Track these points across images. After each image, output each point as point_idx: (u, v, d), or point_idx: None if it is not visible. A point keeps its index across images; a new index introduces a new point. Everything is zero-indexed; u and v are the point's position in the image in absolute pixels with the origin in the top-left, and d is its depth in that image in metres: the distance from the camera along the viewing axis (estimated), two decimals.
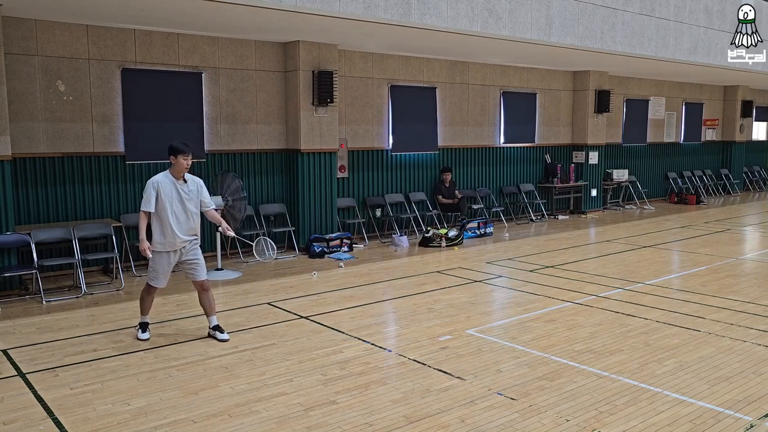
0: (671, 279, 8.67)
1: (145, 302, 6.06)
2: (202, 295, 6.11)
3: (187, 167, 5.84)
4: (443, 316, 6.83)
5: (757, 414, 4.43)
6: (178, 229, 5.84)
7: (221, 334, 6.05)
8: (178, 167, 5.81)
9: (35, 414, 4.47)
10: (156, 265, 5.90)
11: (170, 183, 5.81)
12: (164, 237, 5.81)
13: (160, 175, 5.86)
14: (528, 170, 14.70)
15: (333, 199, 10.76)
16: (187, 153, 5.80)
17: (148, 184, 5.77)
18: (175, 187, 5.81)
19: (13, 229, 7.71)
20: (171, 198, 5.78)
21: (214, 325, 6.11)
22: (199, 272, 6.03)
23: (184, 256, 5.99)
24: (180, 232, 5.85)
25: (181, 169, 5.81)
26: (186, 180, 5.90)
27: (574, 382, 5.00)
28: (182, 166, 5.80)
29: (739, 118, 19.99)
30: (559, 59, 13.12)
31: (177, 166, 5.81)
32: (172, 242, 5.85)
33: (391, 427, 4.26)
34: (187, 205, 5.89)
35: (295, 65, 10.23)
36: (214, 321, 6.13)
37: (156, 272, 5.92)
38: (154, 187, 5.74)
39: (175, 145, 5.83)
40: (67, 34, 8.54)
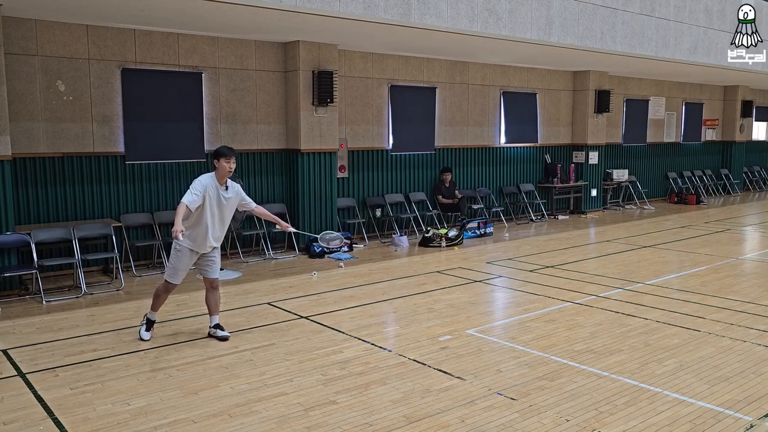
0: (671, 279, 8.67)
1: (159, 299, 6.07)
2: (210, 293, 6.12)
3: (230, 171, 5.82)
4: (443, 316, 6.83)
5: (757, 414, 4.43)
6: (212, 233, 5.85)
7: (221, 332, 6.07)
8: (222, 171, 5.80)
9: (35, 414, 4.47)
10: (178, 262, 5.89)
11: (215, 187, 5.80)
12: (196, 238, 5.80)
13: (207, 176, 5.84)
14: (528, 170, 14.70)
15: (333, 199, 10.76)
16: (229, 156, 5.80)
17: (197, 182, 5.73)
18: (218, 192, 5.82)
19: (13, 229, 7.71)
20: (212, 202, 5.78)
21: (215, 324, 6.13)
22: (214, 270, 6.05)
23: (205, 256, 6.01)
24: (212, 236, 5.87)
25: (224, 173, 5.80)
26: (227, 186, 5.91)
27: (574, 382, 5.00)
28: (225, 169, 5.79)
29: (739, 118, 19.99)
30: (559, 59, 13.12)
31: (221, 169, 5.80)
32: (201, 244, 5.86)
33: (391, 427, 4.26)
34: (225, 212, 5.90)
35: (295, 65, 10.23)
36: (215, 320, 6.16)
37: (176, 269, 5.92)
38: (202, 186, 5.71)
39: (219, 148, 5.88)
40: (67, 34, 8.54)
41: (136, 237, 9.29)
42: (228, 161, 5.79)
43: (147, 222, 9.32)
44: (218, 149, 5.87)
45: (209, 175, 5.84)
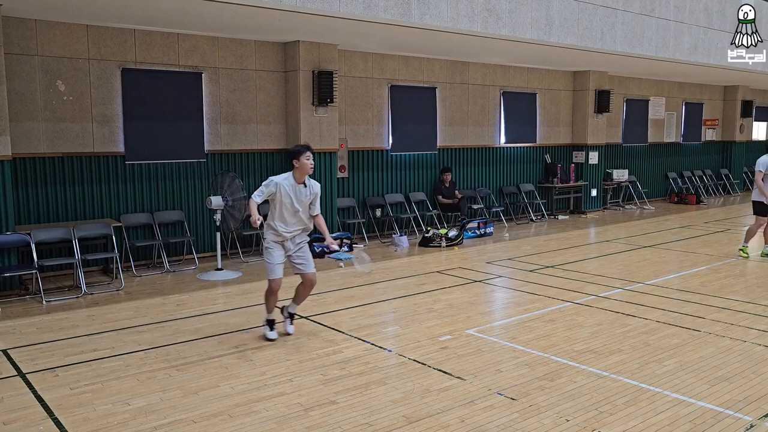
0: (671, 279, 8.66)
1: (269, 300, 6.03)
2: (303, 288, 6.13)
3: (311, 167, 5.78)
4: (443, 316, 6.83)
5: (757, 414, 4.43)
6: (283, 226, 5.86)
7: (290, 325, 6.22)
8: (303, 169, 5.76)
9: (35, 414, 4.47)
10: (270, 257, 5.92)
11: (290, 186, 5.78)
12: (273, 232, 5.88)
13: (282, 175, 5.83)
14: (528, 170, 14.70)
15: (333, 199, 10.76)
16: (307, 152, 5.74)
17: (268, 182, 5.79)
18: (294, 191, 5.79)
19: (13, 229, 7.71)
20: (285, 201, 5.78)
21: (291, 313, 6.25)
22: (308, 265, 6.06)
23: (293, 252, 6.00)
24: (284, 229, 5.87)
25: (305, 170, 5.77)
26: (306, 184, 5.87)
27: (574, 382, 5.00)
28: (306, 167, 5.75)
29: (739, 118, 19.99)
30: (559, 59, 13.12)
31: (301, 168, 5.76)
32: (278, 238, 5.92)
33: (391, 427, 4.26)
34: (298, 209, 5.87)
35: (295, 65, 10.23)
36: (294, 308, 6.26)
37: (271, 264, 5.91)
38: (271, 186, 5.76)
39: (295, 148, 5.84)
40: (67, 34, 8.54)
41: (136, 237, 9.29)
42: (307, 158, 5.74)
43: (147, 222, 9.32)
44: (294, 149, 5.84)
45: (284, 175, 5.83)
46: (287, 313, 6.25)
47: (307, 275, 6.06)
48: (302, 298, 6.21)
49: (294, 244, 6.00)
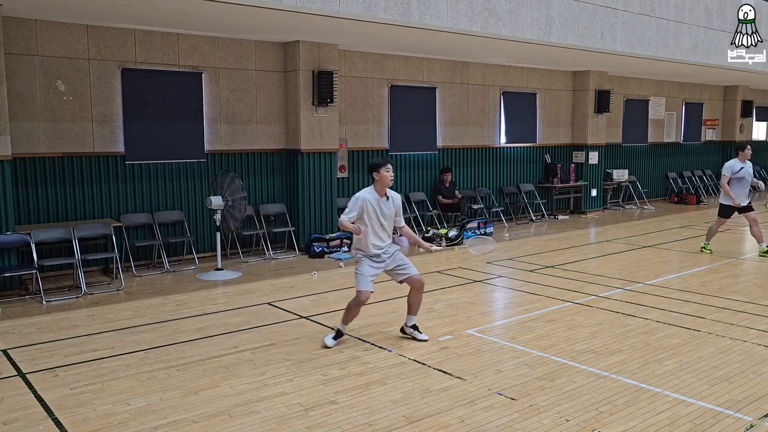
0: (671, 279, 8.66)
1: (351, 311, 5.88)
2: (415, 293, 5.99)
3: (391, 179, 5.80)
4: (443, 316, 6.83)
5: (757, 414, 4.43)
6: (374, 241, 5.79)
7: (420, 334, 6.02)
8: (383, 181, 5.78)
9: (35, 414, 4.47)
10: (361, 269, 5.82)
11: (374, 200, 5.79)
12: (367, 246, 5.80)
13: (365, 191, 5.85)
14: (528, 170, 14.70)
15: (333, 199, 10.76)
16: (387, 165, 5.79)
17: (354, 199, 5.79)
18: (378, 205, 5.79)
19: (13, 229, 7.71)
20: (372, 215, 5.76)
21: (412, 324, 6.06)
22: (408, 269, 5.96)
23: (390, 265, 5.92)
24: (374, 244, 5.80)
25: (386, 182, 5.78)
26: (388, 197, 5.87)
27: (574, 382, 5.00)
28: (387, 179, 5.77)
29: (739, 118, 19.99)
30: (559, 59, 13.12)
31: (382, 180, 5.78)
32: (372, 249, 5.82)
33: (391, 427, 4.26)
34: (385, 222, 5.86)
35: (295, 65, 10.23)
36: (413, 320, 6.07)
37: (362, 275, 5.80)
38: (359, 203, 5.75)
39: (375, 161, 5.87)
40: (67, 34, 8.54)
41: (136, 237, 9.29)
42: (388, 170, 5.77)
43: (147, 222, 9.32)
44: (376, 161, 5.86)
45: (367, 190, 5.84)
46: (410, 329, 6.06)
47: (413, 278, 5.95)
48: (417, 303, 6.02)
49: (389, 257, 5.91)
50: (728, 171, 9.83)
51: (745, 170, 9.78)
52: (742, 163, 9.81)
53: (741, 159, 9.83)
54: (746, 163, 9.84)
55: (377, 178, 5.78)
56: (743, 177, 9.79)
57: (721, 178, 9.91)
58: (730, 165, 9.85)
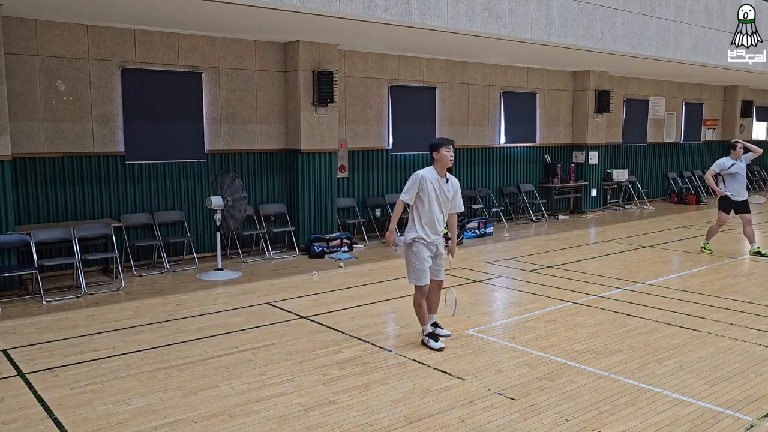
0: (671, 279, 8.66)
1: (422, 309, 5.82)
2: (434, 292, 5.94)
3: (452, 159, 5.69)
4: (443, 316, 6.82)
5: (757, 414, 4.43)
6: (431, 225, 5.70)
7: (442, 330, 6.05)
8: (443, 161, 5.67)
9: (35, 414, 4.47)
10: (418, 261, 5.73)
11: (435, 179, 5.66)
12: (425, 230, 5.69)
13: (425, 169, 5.71)
14: (528, 170, 14.70)
15: (333, 199, 10.76)
16: (447, 144, 5.68)
17: (413, 176, 5.64)
18: (439, 185, 5.67)
19: (13, 229, 7.71)
20: (431, 195, 5.64)
21: (433, 323, 6.00)
22: (442, 271, 5.97)
23: (435, 252, 5.84)
24: (433, 230, 5.72)
25: (446, 162, 5.67)
26: (447, 179, 5.75)
27: (574, 382, 5.00)
28: (446, 159, 5.66)
29: (739, 118, 19.98)
30: (559, 59, 13.12)
31: (441, 160, 5.67)
32: (430, 237, 5.72)
33: (391, 427, 4.26)
34: (443, 205, 5.76)
35: (295, 65, 10.23)
36: (433, 319, 6.03)
37: (420, 269, 5.72)
38: (417, 180, 5.61)
39: (436, 141, 5.76)
40: (67, 34, 8.54)
41: (136, 237, 9.29)
42: (448, 150, 5.66)
43: (147, 222, 9.32)
44: (436, 141, 5.76)
45: (427, 169, 5.71)
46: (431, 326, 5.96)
47: (438, 282, 5.94)
48: (435, 305, 5.99)
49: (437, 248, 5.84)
50: (717, 167, 10.05)
51: (738, 166, 9.89)
52: (734, 161, 9.87)
53: (733, 157, 9.93)
54: (739, 160, 9.93)
55: (437, 158, 5.66)
56: (737, 173, 9.93)
57: (708, 171, 10.16)
58: (721, 162, 10.06)
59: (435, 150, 5.69)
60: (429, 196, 5.64)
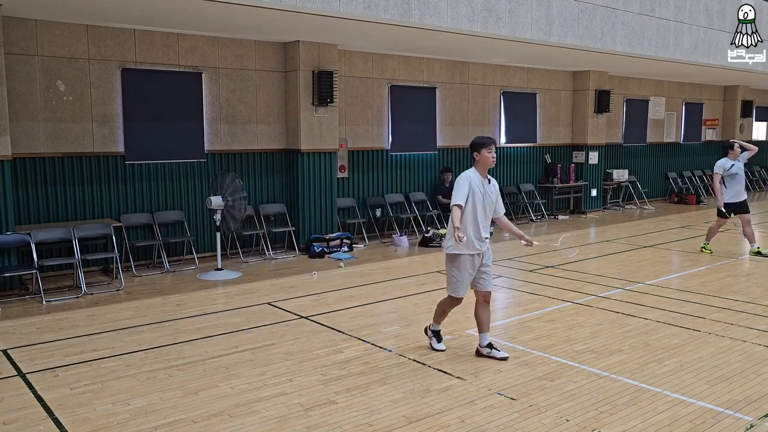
0: (671, 279, 8.66)
1: (445, 314, 5.67)
2: (482, 307, 5.55)
3: (494, 161, 5.38)
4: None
5: (757, 414, 4.43)
6: (477, 232, 5.36)
7: (499, 352, 5.51)
8: (484, 162, 5.36)
9: (35, 414, 4.47)
10: (460, 273, 5.41)
11: (479, 181, 5.35)
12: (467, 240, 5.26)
13: (470, 170, 5.39)
14: (528, 170, 14.70)
15: (333, 199, 10.76)
16: (489, 145, 5.35)
17: (461, 179, 5.33)
18: (483, 187, 5.36)
19: (13, 229, 7.71)
20: (478, 198, 5.32)
21: (487, 343, 5.55)
22: (488, 281, 5.56)
23: (480, 262, 5.50)
24: (478, 236, 5.37)
25: (487, 163, 5.35)
26: (489, 180, 5.47)
27: (574, 382, 5.00)
28: (488, 160, 5.34)
29: (739, 118, 19.98)
30: (559, 59, 13.12)
31: (483, 161, 5.36)
32: (472, 245, 5.37)
33: (391, 427, 4.26)
34: (487, 208, 5.42)
35: (295, 65, 10.23)
36: (487, 338, 5.56)
37: (459, 280, 5.42)
38: (467, 180, 5.30)
39: (477, 140, 5.41)
40: (67, 34, 8.53)
41: (136, 237, 9.29)
42: (490, 150, 5.35)
43: (147, 222, 9.32)
44: (477, 140, 5.40)
45: (471, 170, 5.39)
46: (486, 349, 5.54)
47: (483, 293, 5.56)
48: (487, 322, 5.56)
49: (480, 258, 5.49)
50: (720, 168, 9.91)
51: (737, 167, 9.88)
52: (733, 161, 9.86)
53: (731, 157, 9.92)
54: (737, 161, 9.92)
55: (478, 158, 5.37)
56: (737, 173, 9.90)
57: (714, 177, 9.98)
58: (722, 163, 9.93)
59: (476, 150, 5.38)
60: (476, 200, 5.32)
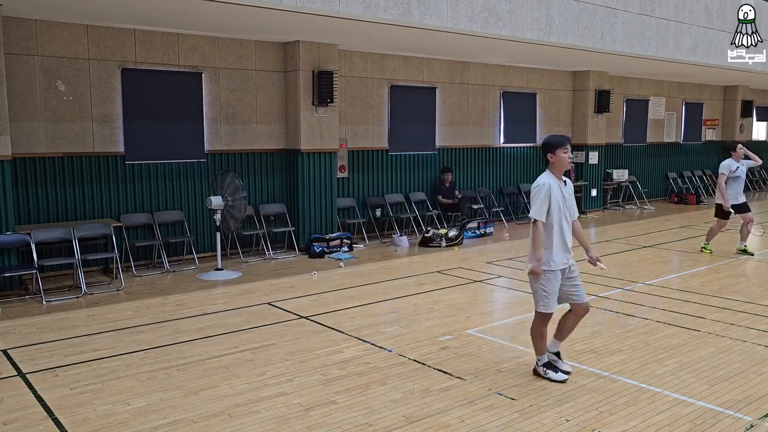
0: (671, 279, 8.66)
1: (543, 337, 5.07)
2: (574, 318, 5.13)
3: (570, 162, 4.96)
4: (443, 316, 6.82)
5: (757, 414, 4.43)
6: (564, 241, 4.94)
7: (563, 363, 5.16)
8: (560, 164, 4.91)
9: (35, 414, 4.47)
10: (548, 288, 4.94)
11: (557, 186, 4.88)
12: (553, 252, 4.89)
13: (545, 176, 4.94)
14: (528, 170, 14.69)
15: (333, 199, 10.76)
16: (565, 144, 4.92)
17: (539, 188, 4.85)
18: (560, 191, 4.89)
19: (13, 229, 7.71)
20: (560, 205, 4.87)
21: (556, 351, 5.22)
22: (582, 292, 5.08)
23: (567, 273, 5.03)
24: (565, 245, 4.96)
25: (563, 165, 4.90)
26: (565, 182, 5.00)
27: (574, 382, 5.00)
28: (564, 161, 4.89)
29: (739, 118, 19.99)
30: (559, 59, 13.12)
31: (558, 163, 4.90)
32: (561, 258, 4.93)
33: (391, 427, 4.26)
34: (568, 216, 5.00)
35: (295, 65, 10.23)
36: (557, 346, 5.24)
37: (549, 295, 4.95)
38: (546, 190, 4.82)
39: (550, 140, 5.00)
40: (67, 34, 8.53)
41: (136, 237, 9.29)
42: (566, 150, 4.90)
43: (147, 222, 9.32)
44: (552, 140, 4.97)
45: (546, 175, 4.95)
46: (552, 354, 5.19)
47: (583, 306, 5.09)
48: (568, 332, 5.19)
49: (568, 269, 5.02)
50: (726, 169, 9.80)
51: (741, 169, 9.88)
52: (738, 163, 9.86)
53: (735, 158, 9.89)
54: (741, 162, 9.91)
55: (552, 160, 4.91)
56: (739, 176, 9.89)
57: (719, 177, 9.85)
58: (727, 164, 9.83)
59: (551, 152, 4.93)
60: (557, 208, 4.87)
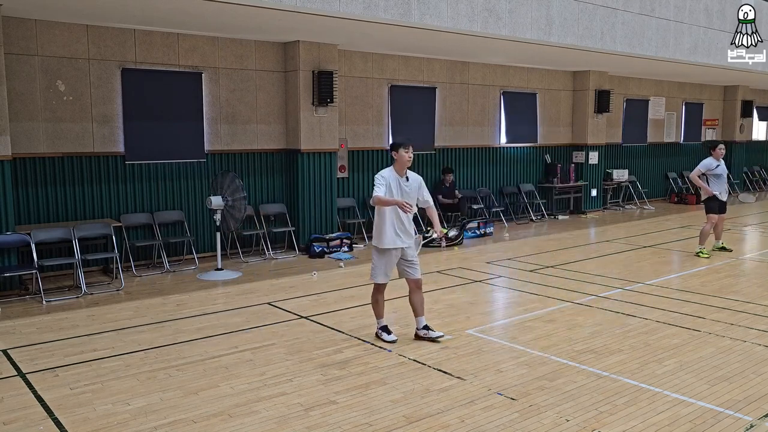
0: (671, 279, 8.66)
1: (378, 305, 6.06)
2: (414, 294, 6.02)
3: (410, 160, 5.83)
4: (443, 316, 6.82)
5: (757, 414, 4.43)
6: (397, 226, 5.83)
7: (434, 332, 6.00)
8: (401, 162, 5.82)
9: (35, 414, 4.47)
10: (376, 262, 5.93)
11: (395, 179, 5.82)
12: (384, 235, 5.82)
13: (386, 170, 5.88)
14: (528, 170, 14.70)
15: (333, 199, 10.76)
16: (407, 146, 5.83)
17: (377, 177, 5.79)
18: (399, 184, 5.82)
19: (13, 229, 7.71)
20: (394, 195, 5.77)
21: (423, 325, 6.04)
22: (415, 270, 6.00)
23: (402, 255, 5.95)
24: (398, 229, 5.84)
25: (404, 163, 5.81)
26: (408, 177, 5.90)
27: (574, 382, 5.00)
28: (404, 159, 5.80)
29: (739, 118, 19.99)
30: (559, 59, 13.12)
31: (400, 160, 5.82)
32: (390, 240, 5.82)
33: (391, 427, 4.26)
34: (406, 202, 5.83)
35: (295, 65, 10.23)
36: (423, 321, 6.05)
37: (376, 267, 5.94)
38: (383, 178, 5.77)
39: (395, 140, 6.08)
40: (67, 34, 8.54)
41: (136, 237, 9.29)
42: (407, 151, 5.81)
43: (147, 222, 9.32)
44: (395, 141, 5.97)
45: (387, 169, 5.88)
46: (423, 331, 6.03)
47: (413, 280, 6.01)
48: (420, 306, 6.05)
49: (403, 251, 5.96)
50: (704, 167, 9.92)
51: (722, 167, 9.93)
52: (717, 161, 9.90)
53: (715, 157, 9.91)
54: (721, 161, 9.94)
55: (396, 157, 5.83)
56: (720, 174, 9.92)
57: (694, 171, 10.03)
58: (707, 163, 9.90)
59: (394, 150, 5.86)
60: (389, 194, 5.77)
